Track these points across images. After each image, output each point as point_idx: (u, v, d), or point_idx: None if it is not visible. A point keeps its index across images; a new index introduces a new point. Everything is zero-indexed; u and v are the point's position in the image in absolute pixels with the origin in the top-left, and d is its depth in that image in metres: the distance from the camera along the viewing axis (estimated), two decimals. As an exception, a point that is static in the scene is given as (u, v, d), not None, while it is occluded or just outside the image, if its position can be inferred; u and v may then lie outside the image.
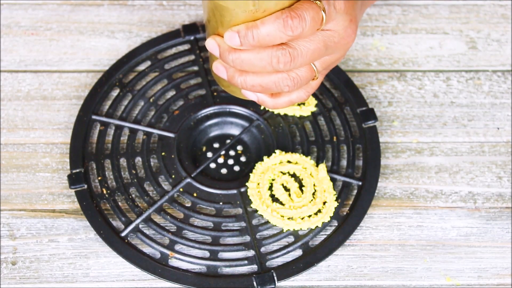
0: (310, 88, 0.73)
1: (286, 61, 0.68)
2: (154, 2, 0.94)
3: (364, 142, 0.85)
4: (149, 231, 0.80)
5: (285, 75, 0.69)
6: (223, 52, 0.69)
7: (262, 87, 0.70)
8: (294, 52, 0.68)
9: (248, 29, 0.67)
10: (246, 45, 0.67)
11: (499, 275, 0.79)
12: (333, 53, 0.71)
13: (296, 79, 0.70)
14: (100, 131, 0.85)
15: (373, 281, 0.78)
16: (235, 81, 0.70)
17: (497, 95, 0.89)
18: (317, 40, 0.68)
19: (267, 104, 0.74)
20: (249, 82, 0.70)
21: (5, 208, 0.81)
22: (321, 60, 0.71)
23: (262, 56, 0.68)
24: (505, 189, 0.83)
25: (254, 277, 0.77)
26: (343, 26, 0.70)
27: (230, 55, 0.68)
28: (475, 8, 0.94)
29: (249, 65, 0.68)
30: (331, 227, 0.80)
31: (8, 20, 0.93)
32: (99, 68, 0.90)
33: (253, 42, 0.67)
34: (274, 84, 0.70)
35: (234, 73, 0.70)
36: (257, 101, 0.74)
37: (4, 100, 0.88)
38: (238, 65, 0.69)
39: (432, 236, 0.81)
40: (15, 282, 0.78)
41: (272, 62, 0.68)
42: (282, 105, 0.74)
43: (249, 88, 0.70)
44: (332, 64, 0.73)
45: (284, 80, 0.70)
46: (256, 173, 0.82)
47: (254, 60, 0.68)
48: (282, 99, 0.73)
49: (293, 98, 0.73)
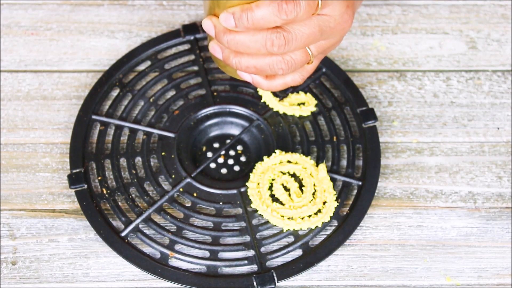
0: (305, 72, 0.74)
1: (280, 44, 0.68)
2: (154, 2, 0.94)
3: (364, 142, 0.85)
4: (149, 231, 0.80)
5: (279, 58, 0.70)
6: (219, 32, 0.69)
7: (256, 69, 0.70)
8: (288, 36, 0.68)
9: (243, 11, 0.67)
10: (241, 27, 0.68)
11: (499, 275, 0.79)
12: (329, 38, 0.71)
13: (290, 63, 0.70)
14: (100, 131, 0.85)
15: (373, 281, 0.78)
16: (230, 61, 0.71)
17: (497, 95, 0.89)
18: (312, 25, 0.69)
19: (262, 86, 0.74)
20: (244, 63, 0.70)
21: (5, 208, 0.81)
22: (316, 45, 0.71)
23: (257, 38, 0.68)
24: (505, 189, 0.83)
25: (254, 277, 0.77)
26: (340, 12, 0.70)
27: (225, 36, 0.69)
28: (475, 8, 0.94)
29: (244, 46, 0.69)
30: (331, 227, 0.80)
31: (8, 20, 0.93)
32: (99, 68, 0.90)
33: (248, 25, 0.67)
34: (268, 66, 0.70)
35: (229, 54, 0.71)
36: (251, 82, 0.74)
37: (4, 100, 0.88)
38: (232, 46, 0.69)
39: (432, 236, 0.81)
40: (15, 282, 0.78)
41: (266, 45, 0.68)
42: (277, 87, 0.74)
43: (244, 69, 0.71)
44: (328, 49, 0.73)
45: (278, 63, 0.70)
46: (256, 173, 0.82)
47: (249, 42, 0.68)
48: (277, 81, 0.74)
49: (287, 81, 0.74)
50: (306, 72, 0.74)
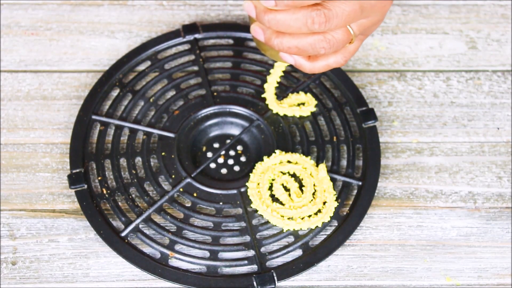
0: (347, 52, 0.73)
1: (321, 22, 0.68)
2: (154, 2, 0.94)
3: (364, 142, 0.85)
4: (149, 231, 0.80)
5: (320, 36, 0.69)
6: (259, 13, 0.69)
7: (298, 48, 0.70)
8: (329, 13, 0.68)
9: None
10: (281, 5, 0.67)
11: (499, 275, 0.79)
12: (370, 16, 0.71)
13: (332, 41, 0.70)
14: (100, 131, 0.85)
15: (373, 281, 0.78)
16: (272, 42, 0.70)
17: (497, 95, 0.89)
18: (353, 2, 0.68)
19: (305, 68, 0.73)
20: (285, 43, 0.70)
21: (5, 208, 0.81)
22: (358, 23, 0.71)
23: (297, 16, 0.68)
24: (505, 189, 0.83)
25: (254, 277, 0.77)
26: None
27: (266, 16, 0.69)
28: (475, 8, 0.94)
29: (285, 25, 0.68)
30: (331, 227, 0.80)
31: (8, 20, 0.93)
32: (99, 68, 0.90)
33: (287, 2, 0.67)
34: (309, 45, 0.69)
35: (271, 35, 0.70)
36: (294, 65, 0.73)
37: (4, 100, 0.88)
38: (273, 25, 0.69)
39: (432, 236, 0.81)
40: (15, 282, 0.78)
41: (307, 23, 0.68)
42: (319, 69, 0.73)
43: (286, 50, 0.70)
44: (369, 28, 0.72)
45: (319, 42, 0.69)
46: (256, 173, 0.82)
47: (289, 20, 0.68)
48: (320, 62, 0.73)
49: (330, 62, 0.73)
50: (348, 53, 0.73)
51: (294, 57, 0.73)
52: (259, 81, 0.88)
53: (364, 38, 0.74)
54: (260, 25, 0.71)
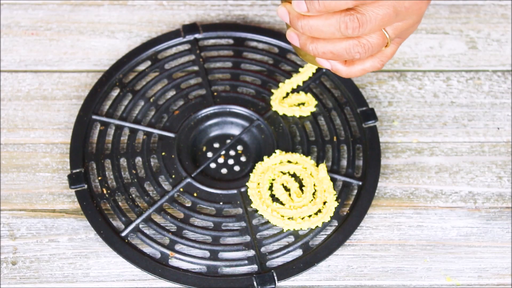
0: (384, 56, 0.72)
1: (354, 27, 0.67)
2: (154, 2, 0.94)
3: (364, 142, 0.85)
4: (149, 231, 0.80)
5: (355, 41, 0.69)
6: (293, 18, 0.69)
7: (333, 53, 0.69)
8: (362, 18, 0.67)
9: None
10: (313, 10, 0.67)
11: (499, 275, 0.79)
12: (405, 19, 0.70)
13: (367, 46, 0.69)
14: (100, 131, 0.85)
15: (373, 281, 0.78)
16: (306, 48, 0.70)
17: (497, 95, 0.89)
18: (386, 6, 0.67)
19: (341, 72, 0.73)
20: (320, 48, 0.69)
21: (5, 208, 0.81)
22: (392, 26, 0.70)
23: (330, 22, 0.67)
24: (505, 189, 0.83)
25: (254, 277, 0.77)
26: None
27: (299, 22, 0.68)
28: (475, 8, 0.94)
29: (318, 31, 0.68)
30: (331, 227, 0.80)
31: (8, 20, 0.93)
32: (99, 68, 0.90)
33: (319, 8, 0.67)
34: (344, 50, 0.69)
35: (305, 40, 0.70)
36: (331, 69, 0.73)
37: (4, 100, 0.88)
38: (307, 31, 0.69)
39: (432, 236, 0.81)
40: (15, 282, 0.78)
41: (340, 28, 0.67)
42: (356, 73, 0.73)
43: (321, 55, 0.70)
44: (405, 31, 0.71)
45: (354, 47, 0.69)
46: (256, 173, 0.82)
47: (323, 26, 0.68)
48: (356, 67, 0.72)
49: (366, 67, 0.72)
50: (385, 57, 0.72)
51: (331, 62, 0.72)
52: (259, 81, 0.88)
53: (401, 41, 0.73)
54: (295, 31, 0.71)
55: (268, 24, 0.93)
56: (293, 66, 0.89)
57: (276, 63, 0.90)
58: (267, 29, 0.91)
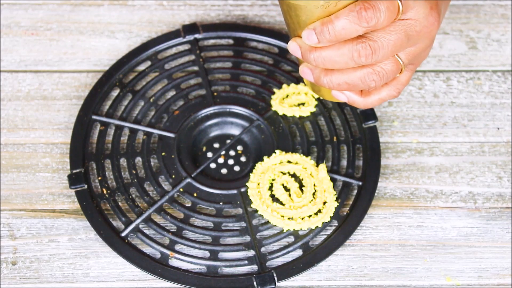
0: (399, 84, 0.72)
1: (367, 54, 0.67)
2: (154, 2, 0.94)
3: (364, 142, 0.85)
4: (149, 231, 0.80)
5: (369, 69, 0.68)
6: (305, 52, 0.68)
7: (348, 84, 0.69)
8: (374, 45, 0.67)
9: (324, 25, 0.66)
10: (324, 41, 0.67)
11: (499, 275, 0.79)
12: (417, 44, 0.70)
13: (381, 73, 0.69)
14: (100, 131, 0.85)
15: (373, 281, 0.78)
16: (321, 81, 0.70)
17: (497, 95, 0.89)
18: (397, 31, 0.67)
19: (358, 104, 0.72)
20: (335, 80, 0.69)
21: (5, 208, 0.81)
22: (405, 52, 0.70)
23: (343, 51, 0.67)
24: (505, 189, 0.83)
25: (254, 277, 0.77)
26: (424, 14, 0.68)
27: (311, 54, 0.68)
28: (475, 8, 0.94)
29: (331, 62, 0.68)
30: (331, 227, 0.80)
31: (8, 20, 0.93)
32: (99, 68, 0.90)
33: (330, 37, 0.66)
34: (359, 80, 0.69)
35: (319, 73, 0.70)
36: (347, 102, 0.73)
37: (4, 100, 0.88)
38: (320, 63, 0.68)
39: (432, 236, 0.81)
40: (15, 282, 0.78)
41: (353, 57, 0.67)
42: (373, 103, 0.72)
43: (336, 87, 0.70)
44: (418, 56, 0.71)
45: (369, 75, 0.69)
46: (256, 173, 0.82)
47: (335, 56, 0.67)
48: (373, 97, 0.72)
49: (383, 96, 0.72)
50: (401, 85, 0.72)
51: (347, 94, 0.72)
52: (259, 81, 0.88)
53: (415, 67, 0.73)
54: (308, 65, 0.70)
55: (268, 24, 0.93)
56: (293, 66, 0.89)
57: (276, 63, 0.90)
58: (267, 29, 0.91)
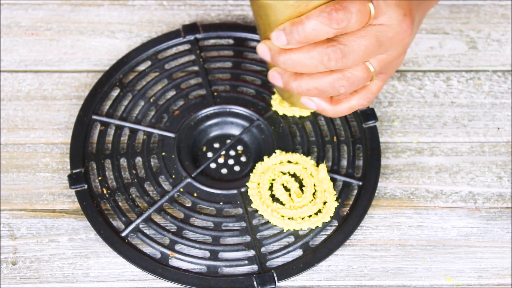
0: (370, 93, 0.71)
1: (337, 58, 0.66)
2: (154, 2, 0.94)
3: (364, 142, 0.85)
4: (149, 231, 0.80)
5: (339, 75, 0.67)
6: (274, 54, 0.67)
7: (317, 89, 0.68)
8: (345, 49, 0.66)
9: (293, 25, 0.65)
10: (293, 42, 0.65)
11: (499, 275, 0.79)
12: (389, 51, 0.68)
13: (351, 79, 0.68)
14: (100, 131, 0.85)
15: (373, 281, 0.78)
16: (290, 86, 0.68)
17: (497, 95, 0.89)
18: (369, 36, 0.66)
19: (328, 112, 0.71)
20: (304, 85, 0.68)
21: (5, 208, 0.81)
22: (377, 59, 0.69)
23: (313, 54, 0.66)
24: (505, 189, 0.83)
25: (254, 277, 0.77)
26: (397, 20, 0.67)
27: (280, 57, 0.67)
28: (475, 8, 0.94)
29: (301, 65, 0.67)
30: (331, 227, 0.80)
31: (8, 20, 0.93)
32: (99, 68, 0.90)
33: (299, 38, 0.65)
34: (329, 85, 0.68)
35: (288, 78, 0.68)
36: (317, 110, 0.71)
37: (4, 100, 0.88)
38: (289, 66, 0.67)
39: (432, 236, 0.81)
40: (15, 282, 0.78)
41: (323, 60, 0.66)
42: (343, 112, 0.71)
43: (305, 92, 0.68)
44: (390, 64, 0.70)
45: (339, 81, 0.67)
46: (256, 173, 0.82)
47: (305, 59, 0.66)
48: (342, 105, 0.71)
49: (353, 104, 0.71)
50: (371, 94, 0.71)
51: (316, 101, 0.71)
52: (259, 81, 0.88)
53: (386, 77, 0.71)
54: (277, 70, 0.69)
55: (268, 24, 0.93)
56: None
57: (276, 63, 0.90)
58: (267, 29, 0.91)
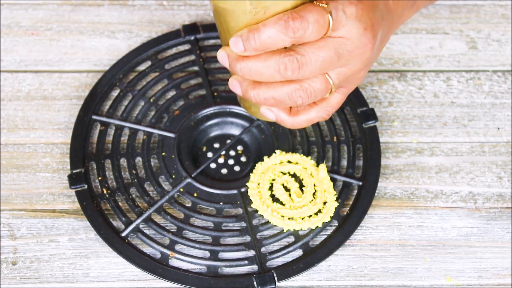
0: (329, 106, 0.71)
1: (294, 68, 0.66)
2: (154, 2, 0.94)
3: (364, 142, 0.85)
4: (149, 231, 0.80)
5: (297, 85, 0.67)
6: (232, 61, 0.67)
7: (275, 99, 0.68)
8: (302, 59, 0.66)
9: (250, 32, 0.65)
10: (249, 49, 0.66)
11: (500, 275, 0.79)
12: (348, 64, 0.68)
13: (309, 90, 0.67)
14: (101, 131, 0.85)
15: (373, 281, 0.78)
16: (248, 95, 0.68)
17: (497, 95, 0.89)
18: (327, 47, 0.66)
19: (286, 123, 0.71)
20: (262, 94, 0.68)
21: (5, 208, 0.81)
22: (336, 72, 0.68)
23: (269, 63, 0.66)
24: (505, 189, 0.83)
25: (254, 277, 0.77)
26: (357, 34, 0.67)
27: (238, 64, 0.67)
28: (475, 8, 0.94)
29: (257, 73, 0.67)
30: (332, 227, 0.80)
31: (8, 20, 0.93)
32: (99, 68, 0.90)
33: (256, 46, 0.65)
34: (286, 95, 0.67)
35: (247, 86, 0.68)
36: (276, 121, 0.71)
37: (4, 100, 0.88)
38: (246, 74, 0.67)
39: (433, 236, 0.81)
40: (15, 282, 0.78)
41: (280, 69, 0.66)
42: (301, 124, 0.71)
43: (263, 101, 0.68)
44: (350, 78, 0.70)
45: (296, 91, 0.67)
46: (256, 173, 0.82)
47: (262, 67, 0.66)
48: (301, 117, 0.71)
49: (312, 117, 0.71)
50: (331, 107, 0.71)
51: (275, 112, 0.71)
52: (259, 81, 0.88)
53: (346, 91, 0.71)
54: (237, 78, 0.69)
55: (268, 24, 0.93)
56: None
57: (276, 63, 0.90)
58: (267, 29, 0.91)
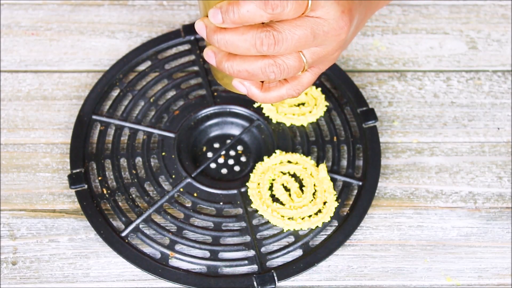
0: (300, 85, 0.72)
1: (269, 43, 0.67)
2: (154, 2, 0.94)
3: (364, 142, 0.85)
4: (149, 231, 0.80)
5: (271, 61, 0.69)
6: (209, 32, 0.69)
7: (248, 72, 0.69)
8: (278, 36, 0.67)
9: (230, 5, 0.66)
10: (228, 21, 0.67)
11: (500, 275, 0.79)
12: (323, 45, 0.70)
13: (282, 66, 0.69)
14: (101, 131, 0.85)
15: (373, 281, 0.78)
16: (222, 66, 0.70)
17: (497, 95, 0.89)
18: (304, 26, 0.67)
19: (257, 98, 0.73)
20: (236, 67, 0.69)
21: (5, 208, 0.81)
22: (310, 51, 0.70)
23: (246, 37, 0.67)
24: (505, 189, 0.83)
25: (254, 277, 0.77)
26: (334, 16, 0.68)
27: (215, 35, 0.68)
28: (475, 8, 0.94)
29: (234, 45, 0.68)
30: (332, 227, 0.80)
31: (8, 20, 0.93)
32: (99, 68, 0.90)
33: (234, 18, 0.67)
34: (260, 69, 0.69)
35: (222, 57, 0.70)
36: (247, 94, 0.73)
37: (4, 100, 0.88)
38: (223, 45, 0.68)
39: (433, 236, 0.81)
40: (15, 282, 0.78)
41: (256, 44, 0.67)
42: (271, 99, 0.73)
43: (236, 74, 0.70)
44: (324, 58, 0.71)
45: (270, 66, 0.69)
46: (256, 173, 0.82)
47: (238, 40, 0.67)
48: (272, 93, 0.72)
49: (282, 93, 0.72)
50: (301, 86, 0.72)
51: (247, 86, 0.72)
52: (259, 81, 0.88)
53: (319, 71, 0.72)
54: (212, 49, 0.70)
55: (268, 24, 0.93)
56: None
57: (276, 63, 0.90)
58: (267, 29, 0.91)
